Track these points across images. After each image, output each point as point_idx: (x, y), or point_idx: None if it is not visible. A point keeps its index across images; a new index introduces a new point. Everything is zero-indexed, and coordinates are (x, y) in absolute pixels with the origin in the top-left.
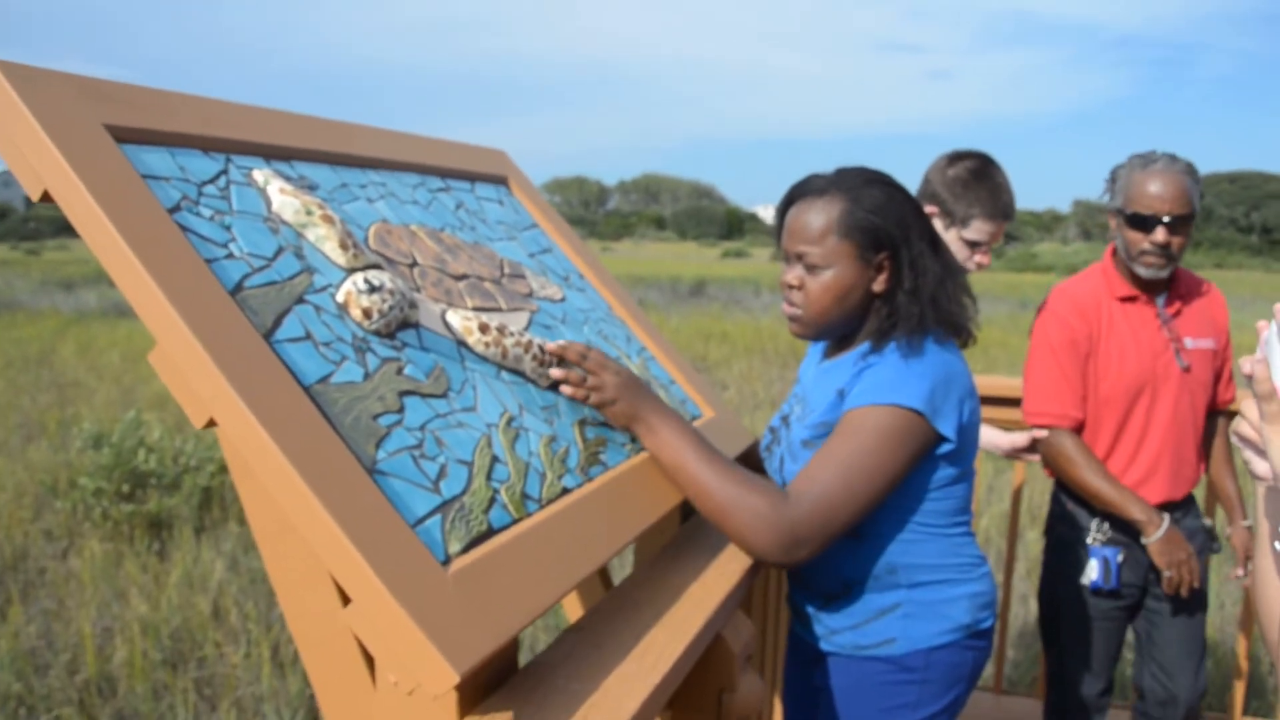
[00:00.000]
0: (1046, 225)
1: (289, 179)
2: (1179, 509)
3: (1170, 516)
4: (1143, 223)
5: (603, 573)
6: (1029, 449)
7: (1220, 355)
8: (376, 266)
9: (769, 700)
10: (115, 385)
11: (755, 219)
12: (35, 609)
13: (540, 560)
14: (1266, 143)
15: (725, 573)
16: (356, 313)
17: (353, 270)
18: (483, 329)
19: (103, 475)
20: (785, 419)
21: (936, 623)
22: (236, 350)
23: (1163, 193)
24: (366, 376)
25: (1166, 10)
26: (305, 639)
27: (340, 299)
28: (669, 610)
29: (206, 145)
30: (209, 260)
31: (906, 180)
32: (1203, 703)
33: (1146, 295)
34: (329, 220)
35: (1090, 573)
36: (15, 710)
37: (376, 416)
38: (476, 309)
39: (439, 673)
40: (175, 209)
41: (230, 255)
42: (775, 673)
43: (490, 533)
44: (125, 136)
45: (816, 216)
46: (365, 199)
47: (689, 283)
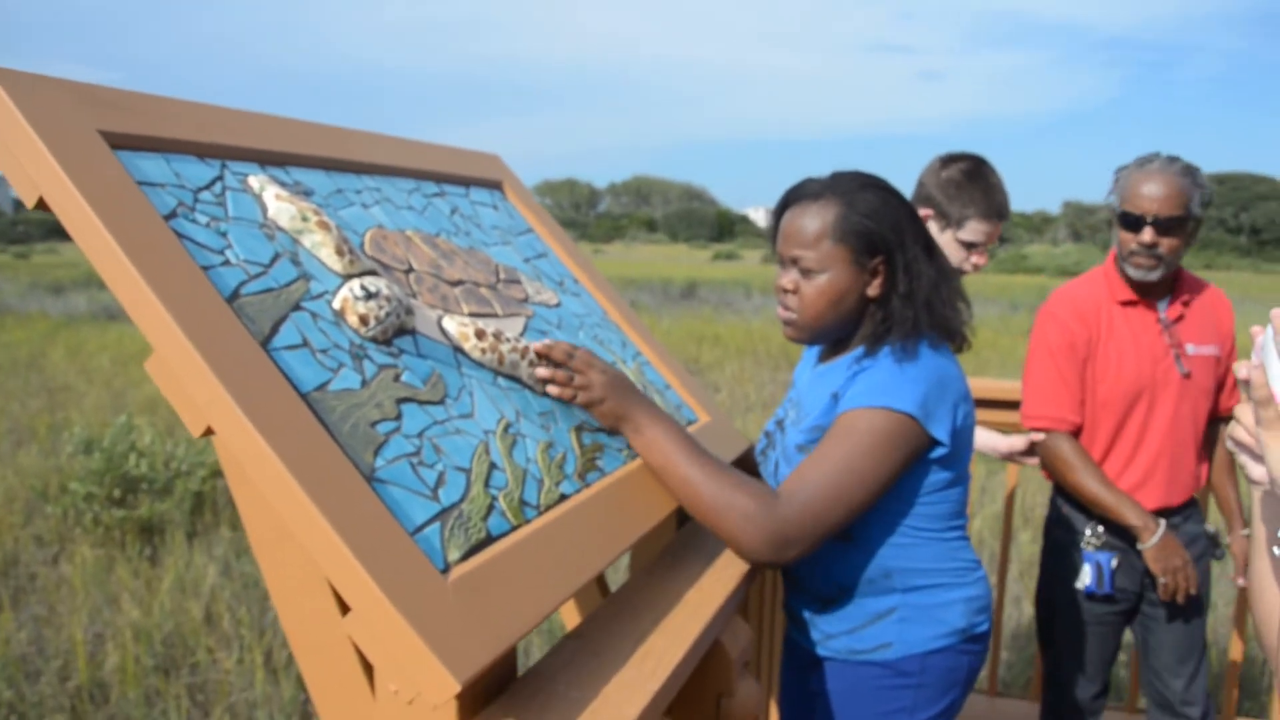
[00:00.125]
0: (1037, 227)
1: (284, 185)
2: (1177, 514)
3: (1168, 522)
4: (1132, 222)
5: (599, 579)
6: (1027, 452)
7: (1224, 362)
8: (372, 273)
9: (765, 705)
10: (105, 389)
11: (746, 221)
12: (26, 615)
13: (539, 567)
14: (1256, 144)
15: (722, 578)
16: (353, 319)
17: (349, 276)
18: (479, 335)
19: (93, 480)
20: (780, 423)
21: (932, 627)
22: (234, 358)
23: (1152, 193)
24: (364, 384)
25: (1157, 11)
26: (303, 647)
27: (337, 305)
28: (667, 616)
29: (202, 151)
30: (205, 267)
31: (899, 181)
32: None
33: (1148, 299)
34: (325, 226)
35: (1084, 577)
36: (7, 717)
37: (374, 424)
38: (472, 315)
39: (440, 681)
40: (171, 215)
41: (226, 262)
42: (771, 678)
43: (489, 540)
44: (120, 143)
45: (811, 221)
46: (360, 204)
47: (680, 285)
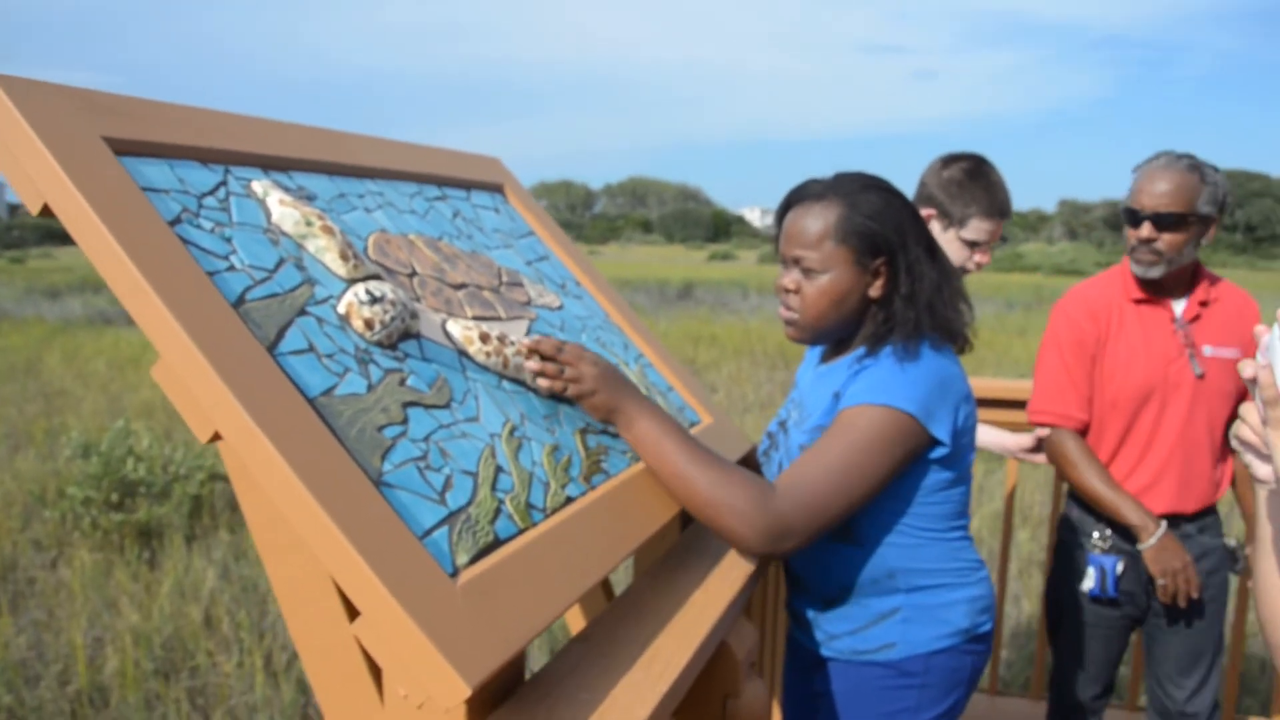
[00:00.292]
0: (1032, 225)
1: (288, 189)
2: (1191, 522)
3: (1181, 530)
4: (1133, 218)
5: (604, 581)
6: (1034, 449)
7: None
8: (377, 277)
9: (767, 706)
10: (102, 394)
11: (742, 221)
12: (25, 620)
13: (547, 570)
14: (1249, 141)
15: (728, 579)
16: (358, 324)
17: (353, 281)
18: (483, 338)
19: (91, 484)
20: (783, 424)
21: (935, 627)
22: (241, 364)
23: (1152, 189)
24: (370, 388)
25: (1149, 10)
26: (310, 652)
27: (342, 310)
28: (674, 618)
29: (205, 156)
30: (211, 273)
31: (896, 180)
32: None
33: (1162, 298)
34: (329, 231)
35: (1087, 580)
36: None
37: (381, 428)
38: (476, 318)
39: (450, 686)
40: (176, 221)
41: (232, 268)
42: (774, 678)
43: (497, 543)
44: (124, 149)
45: (814, 221)
46: (363, 209)
47: (676, 286)
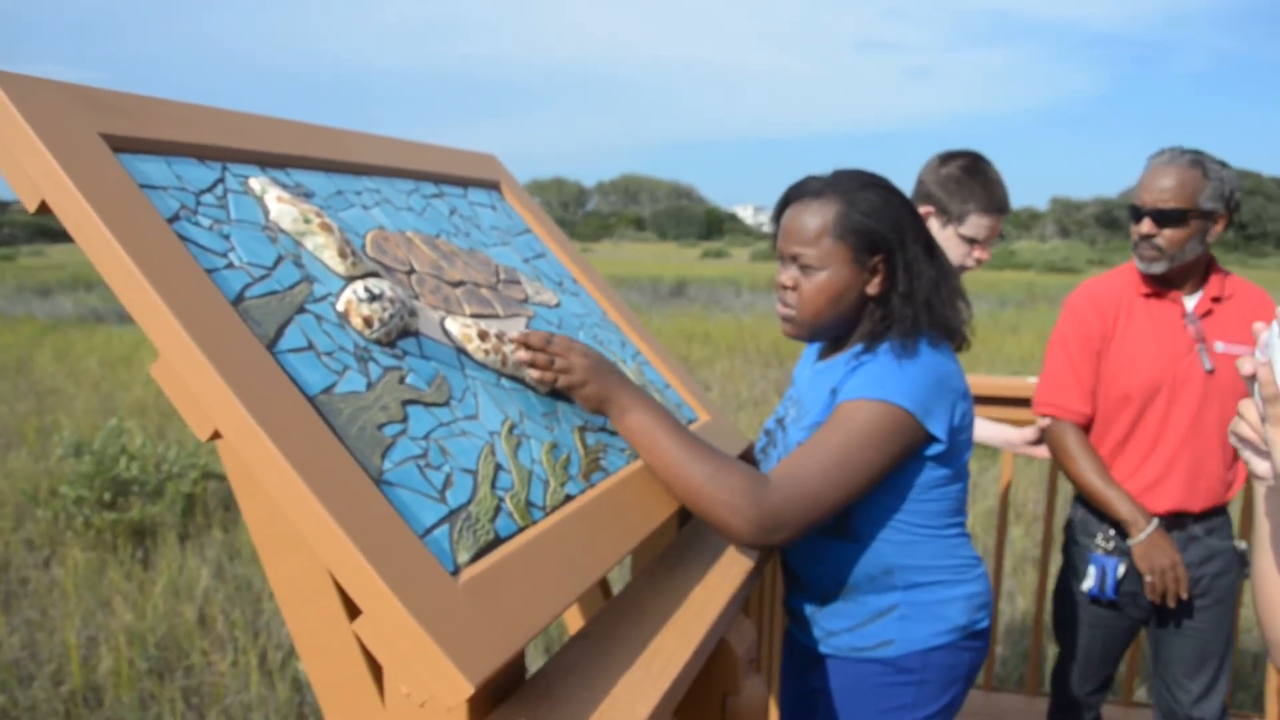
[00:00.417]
0: (1024, 223)
1: (285, 187)
2: (1199, 523)
3: (1189, 529)
4: (1135, 213)
5: (601, 579)
6: (1037, 442)
7: None
8: (375, 274)
9: (767, 703)
10: (94, 392)
11: (735, 219)
12: (18, 619)
13: (548, 568)
14: (1242, 140)
15: (727, 577)
16: (357, 321)
17: (352, 278)
18: (482, 336)
19: (84, 483)
20: (780, 421)
21: (933, 624)
22: (241, 362)
23: (1151, 185)
24: (369, 386)
25: (1144, 8)
26: (310, 651)
27: (341, 308)
28: (674, 615)
29: (202, 154)
30: (210, 270)
31: (890, 178)
32: None
33: (1171, 293)
34: (327, 228)
35: (1087, 580)
36: None
37: (381, 426)
38: (474, 316)
39: (453, 684)
40: (174, 219)
41: (230, 265)
42: (771, 675)
43: (497, 541)
44: (122, 145)
45: (812, 218)
46: (361, 206)
47: (669, 283)
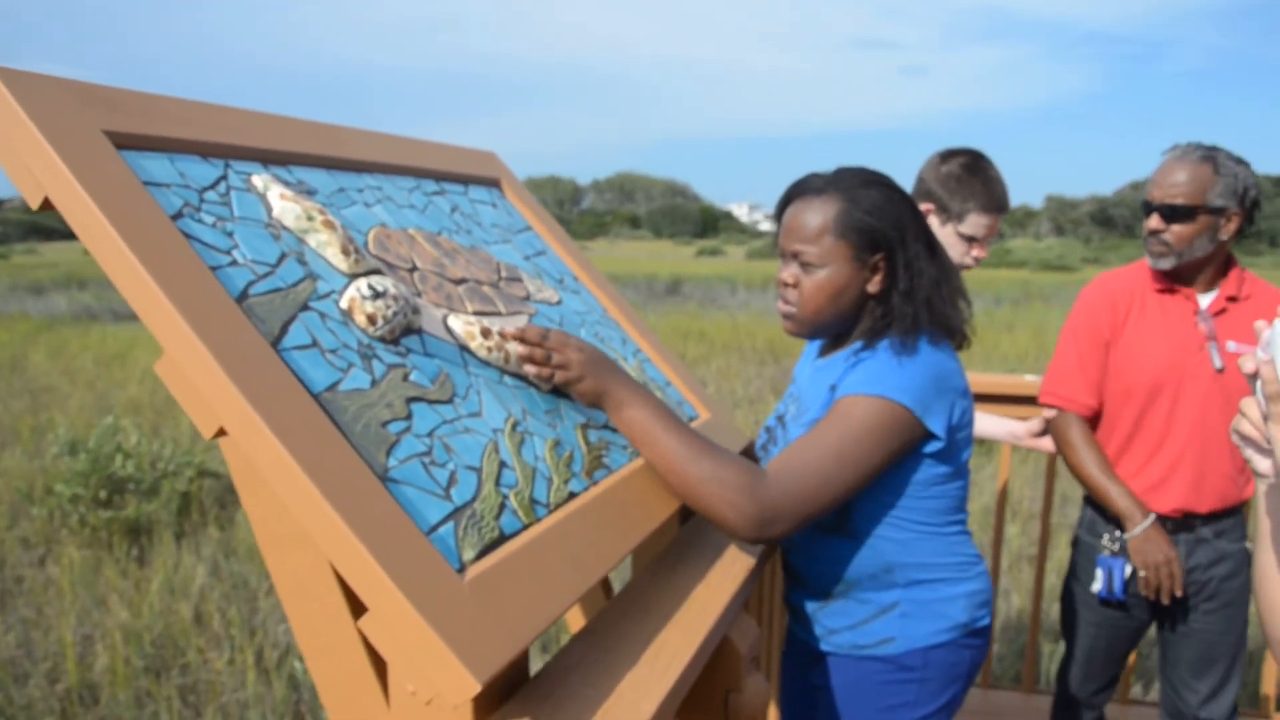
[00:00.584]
0: (1019, 221)
1: (288, 184)
2: (1208, 524)
3: (1197, 530)
4: (1145, 209)
5: (603, 577)
6: (1042, 433)
7: None
8: (378, 272)
9: (769, 701)
10: (89, 390)
11: (730, 217)
12: (13, 618)
13: (552, 565)
14: (1237, 137)
15: (730, 574)
16: (361, 319)
17: (355, 276)
18: (484, 333)
19: (79, 481)
20: (781, 419)
21: (934, 621)
22: (246, 359)
23: (1162, 180)
24: (374, 383)
25: (1138, 6)
26: (313, 649)
27: (344, 305)
28: (677, 613)
29: (205, 151)
30: (214, 267)
31: (891, 176)
32: None
33: (1185, 289)
34: (330, 226)
35: (1095, 581)
36: None
37: (386, 424)
38: (477, 313)
39: (460, 682)
40: (178, 216)
41: (234, 262)
42: (771, 673)
43: (502, 539)
44: (125, 143)
45: (813, 216)
46: (363, 203)
47: (665, 281)
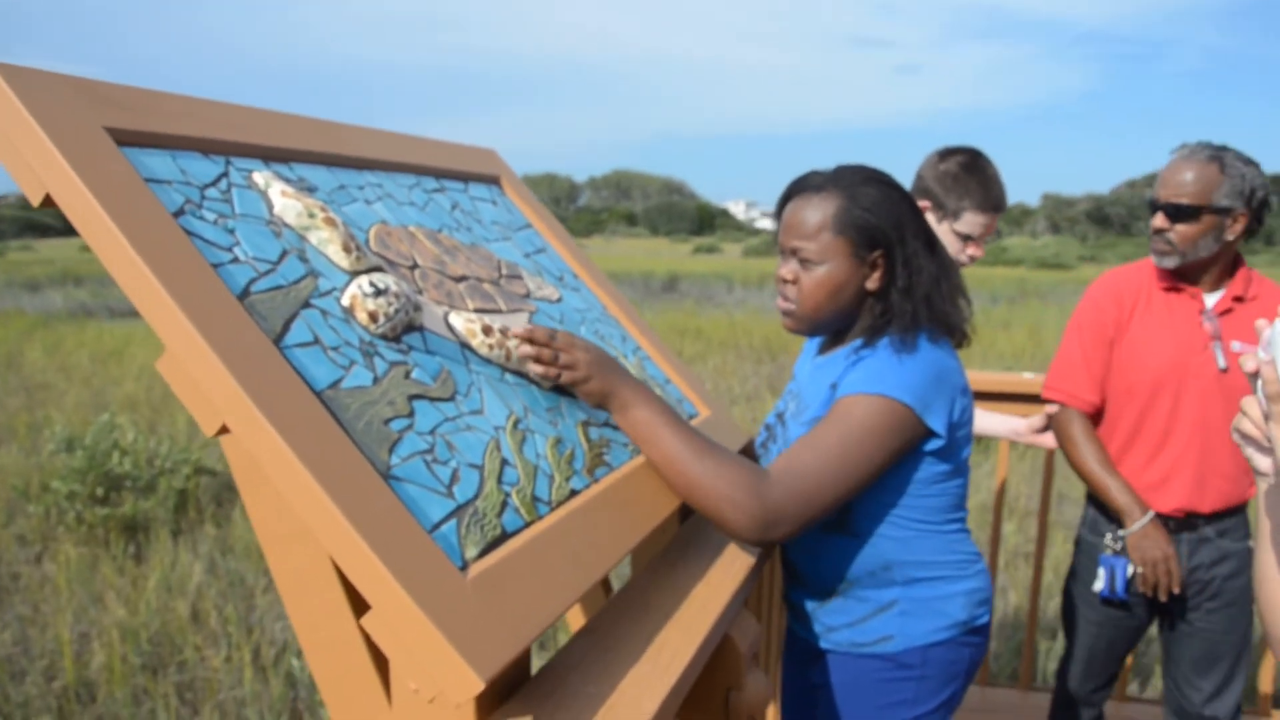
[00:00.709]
0: (1015, 219)
1: (289, 181)
2: (1211, 524)
3: (1200, 530)
4: (1150, 207)
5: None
6: (1044, 429)
7: None
8: (379, 269)
9: (769, 698)
10: (85, 387)
11: (726, 214)
12: (10, 615)
13: (554, 563)
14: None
15: (730, 572)
16: (362, 316)
17: (356, 273)
18: (486, 331)
19: (76, 478)
20: (781, 416)
21: (933, 619)
22: (249, 357)
23: (1168, 179)
24: (376, 381)
25: (1135, 5)
26: (314, 647)
27: (346, 303)
28: (678, 611)
29: (206, 147)
30: (215, 265)
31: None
32: None
33: (1191, 288)
34: (331, 223)
35: (1097, 581)
36: None
37: (388, 421)
38: (478, 311)
39: (463, 680)
40: (179, 213)
41: (236, 259)
42: (770, 670)
43: (504, 536)
44: (126, 139)
45: (813, 213)
46: (363, 201)
47: (661, 278)
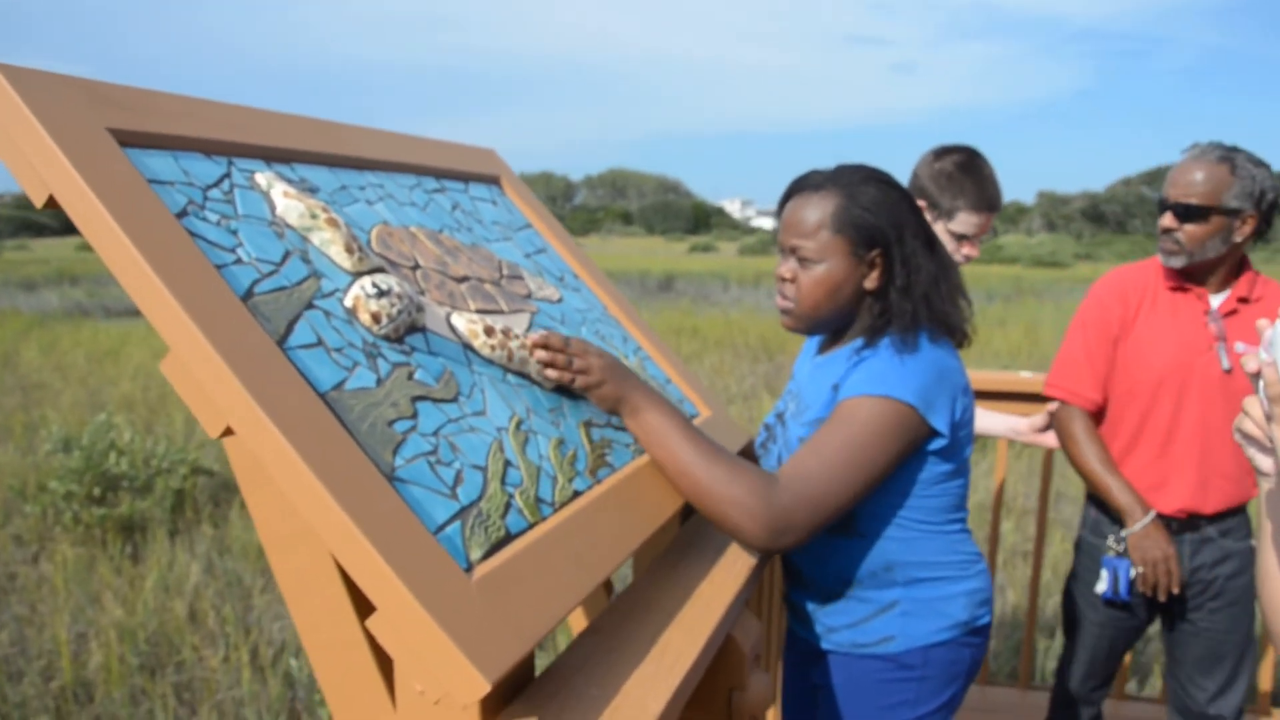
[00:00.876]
0: (1011, 217)
1: (291, 182)
2: (1213, 524)
3: (1202, 530)
4: (1159, 206)
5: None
6: (1046, 428)
7: None
8: (381, 270)
9: (772, 699)
10: (81, 387)
11: (722, 213)
12: (7, 615)
13: (558, 564)
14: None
15: (732, 572)
16: (365, 317)
17: (358, 274)
18: (488, 332)
19: (73, 478)
20: (781, 416)
21: (934, 620)
22: (253, 358)
23: (1177, 179)
24: (379, 382)
25: (1130, 3)
26: (318, 648)
27: (349, 304)
28: (681, 611)
29: (208, 148)
30: (219, 266)
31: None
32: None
33: (1197, 288)
34: (334, 224)
35: (1100, 582)
36: None
37: (391, 423)
38: (479, 311)
39: (469, 682)
40: (182, 214)
41: (239, 260)
42: (771, 670)
43: (508, 538)
44: (128, 140)
45: (812, 211)
46: (365, 201)
47: (657, 277)
